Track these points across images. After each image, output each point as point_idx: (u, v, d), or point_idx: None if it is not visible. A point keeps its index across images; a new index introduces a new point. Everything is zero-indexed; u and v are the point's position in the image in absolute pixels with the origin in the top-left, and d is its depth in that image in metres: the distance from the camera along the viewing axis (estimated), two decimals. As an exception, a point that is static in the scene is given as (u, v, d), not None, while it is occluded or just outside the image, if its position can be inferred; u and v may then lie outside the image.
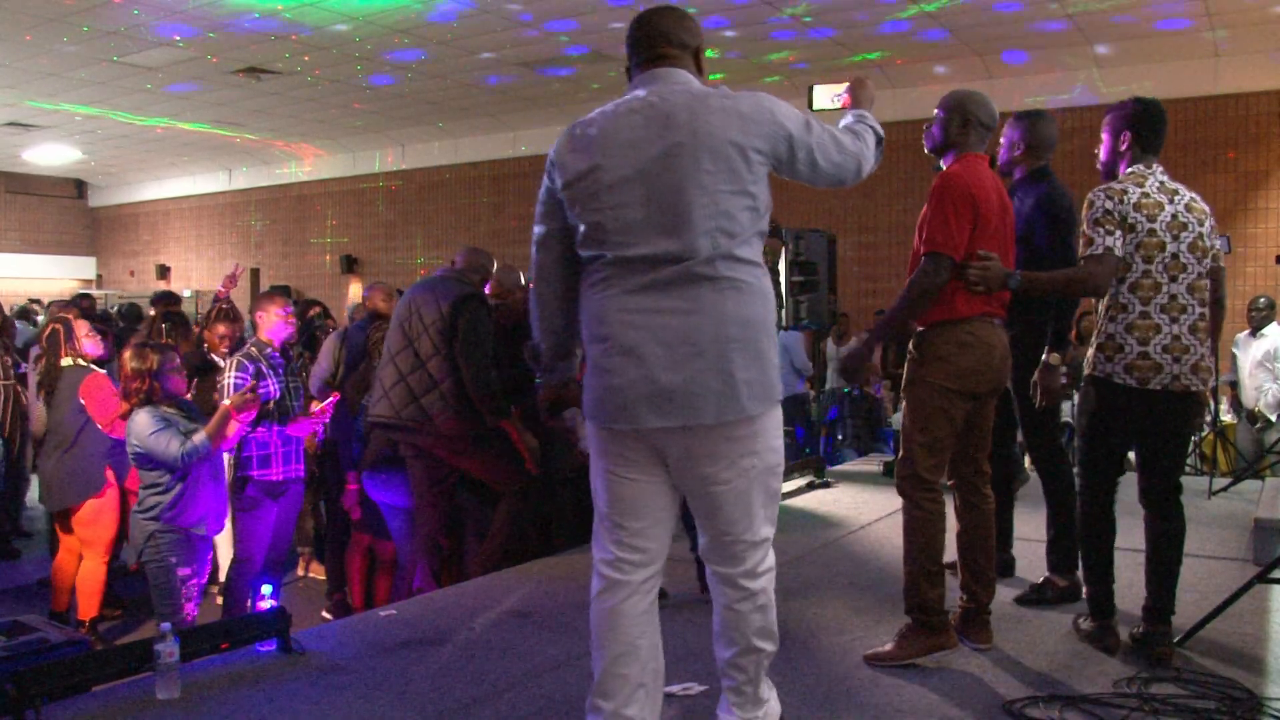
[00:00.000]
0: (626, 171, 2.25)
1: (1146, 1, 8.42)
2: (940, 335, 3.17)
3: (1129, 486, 3.41)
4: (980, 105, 3.27)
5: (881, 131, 2.61)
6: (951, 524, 3.30)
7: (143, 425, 4.11)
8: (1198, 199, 3.29)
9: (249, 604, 4.44)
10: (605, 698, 2.34)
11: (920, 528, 3.16)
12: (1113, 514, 3.38)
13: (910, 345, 3.29)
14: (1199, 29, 8.99)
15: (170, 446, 4.04)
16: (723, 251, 2.23)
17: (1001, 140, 3.96)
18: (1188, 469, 7.28)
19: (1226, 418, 7.96)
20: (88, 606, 5.10)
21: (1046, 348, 3.63)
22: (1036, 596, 3.86)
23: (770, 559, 2.43)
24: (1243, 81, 9.39)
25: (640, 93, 2.34)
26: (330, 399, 4.77)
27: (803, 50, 10.07)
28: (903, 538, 3.22)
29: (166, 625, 2.98)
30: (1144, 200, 3.17)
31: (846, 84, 2.82)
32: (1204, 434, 7.62)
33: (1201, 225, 3.23)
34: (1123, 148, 3.32)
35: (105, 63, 10.80)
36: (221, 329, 5.88)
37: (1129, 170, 3.28)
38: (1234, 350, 7.72)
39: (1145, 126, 3.29)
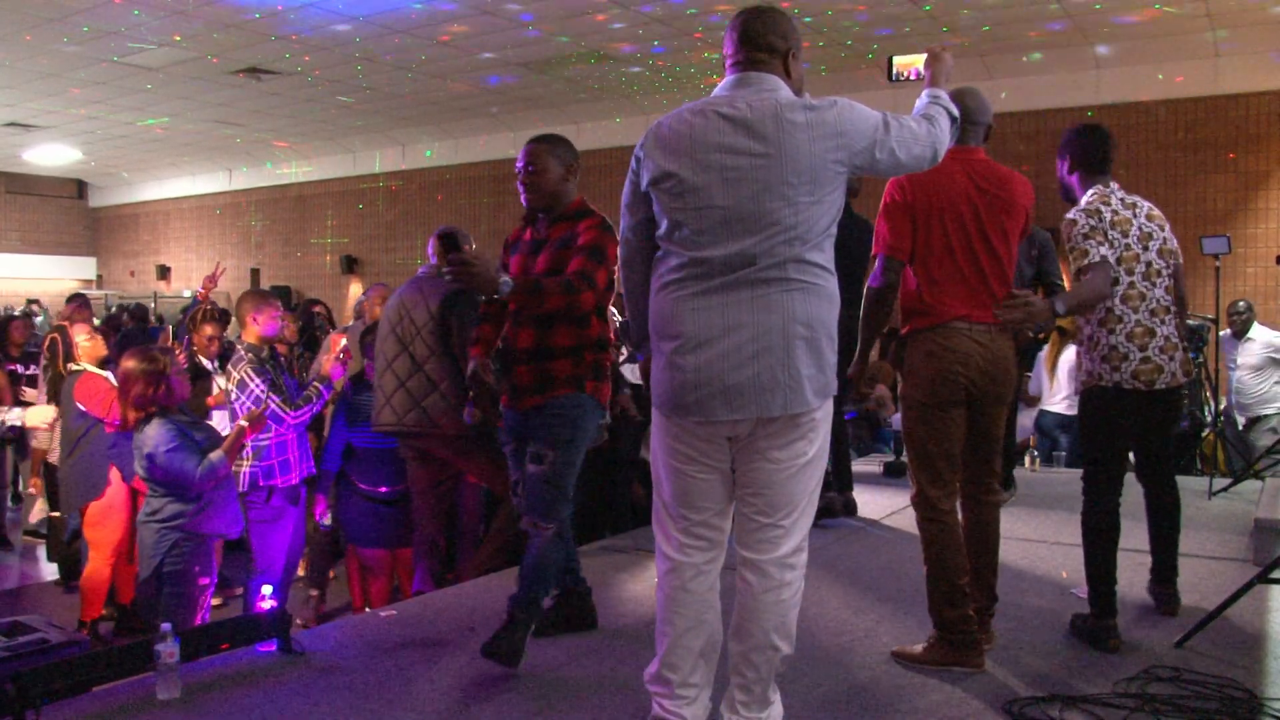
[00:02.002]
0: (712, 175, 2.35)
1: (1147, 2, 8.43)
2: (912, 347, 3.16)
3: (1134, 488, 3.44)
4: (966, 98, 3.17)
5: (956, 111, 2.71)
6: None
7: (159, 440, 3.97)
8: (1154, 207, 3.50)
9: None
10: (673, 670, 2.48)
11: (931, 550, 3.14)
12: (1118, 516, 3.42)
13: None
14: (1199, 29, 9.00)
15: (187, 466, 3.94)
16: (795, 255, 2.34)
17: None
18: (1193, 470, 7.35)
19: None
20: (90, 607, 5.10)
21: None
22: None
23: (803, 556, 2.47)
24: (1243, 81, 9.39)
25: (729, 96, 2.43)
26: (341, 340, 4.74)
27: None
28: (923, 558, 3.19)
29: (167, 625, 2.98)
30: (1116, 218, 3.35)
31: (923, 55, 2.88)
32: (1204, 434, 7.64)
33: (1163, 230, 3.46)
34: (1071, 175, 3.51)
35: (105, 63, 10.80)
36: (209, 330, 5.88)
37: (1090, 192, 3.43)
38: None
39: (1091, 151, 3.48)
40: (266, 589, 3.90)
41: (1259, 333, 7.53)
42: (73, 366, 5.36)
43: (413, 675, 3.12)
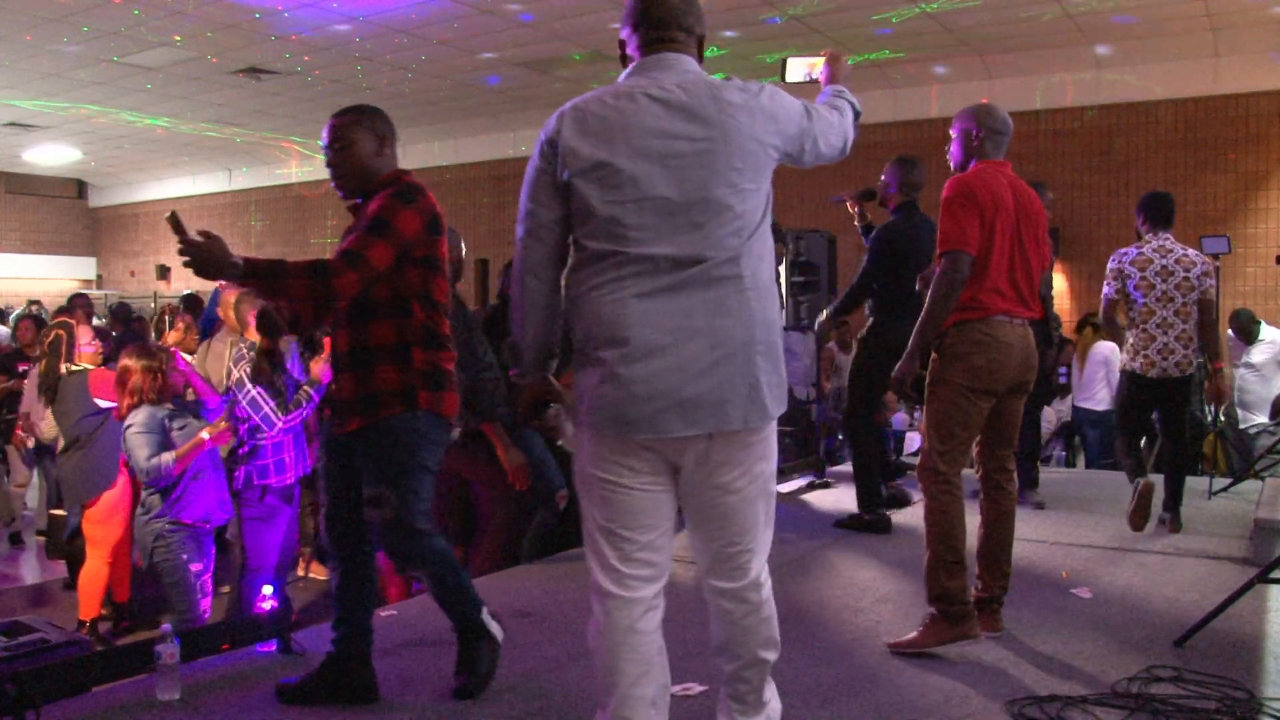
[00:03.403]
0: (651, 164, 2.13)
1: (1147, 2, 8.43)
2: (959, 334, 3.28)
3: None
4: (990, 114, 3.42)
5: (860, 106, 2.58)
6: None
7: (133, 420, 4.19)
8: (1189, 253, 4.93)
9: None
10: None
11: (936, 519, 3.26)
12: (1140, 446, 5.17)
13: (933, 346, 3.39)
14: (1199, 29, 8.99)
15: (139, 452, 4.11)
16: (744, 249, 2.16)
17: (883, 177, 5.09)
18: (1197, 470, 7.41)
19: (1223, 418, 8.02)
20: (88, 606, 5.10)
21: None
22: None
23: (767, 566, 2.34)
24: (1243, 81, 9.39)
25: (652, 79, 2.21)
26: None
27: (802, 50, 10.08)
28: (925, 529, 3.30)
29: (167, 626, 2.99)
30: (1138, 258, 4.95)
31: (822, 57, 2.74)
32: (1205, 434, 7.67)
33: (1188, 271, 4.87)
34: (1139, 224, 5.06)
35: (105, 63, 10.79)
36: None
37: (1144, 239, 4.98)
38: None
39: (1149, 211, 5.01)
40: (267, 589, 3.91)
41: (1269, 333, 7.60)
42: (73, 366, 5.37)
43: (413, 675, 3.12)
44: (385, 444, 2.77)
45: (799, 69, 2.82)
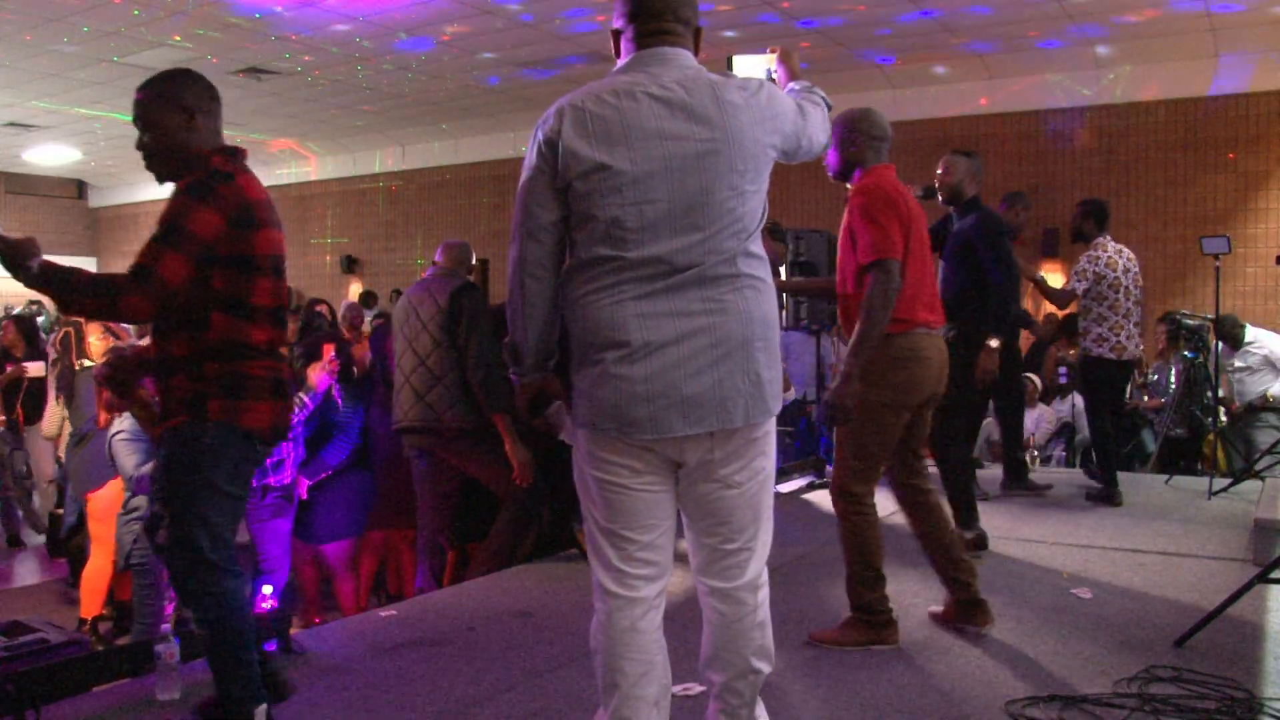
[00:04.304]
0: (654, 165, 2.08)
1: (1146, 1, 8.43)
2: (880, 349, 3.16)
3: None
4: (868, 120, 3.33)
5: (830, 101, 2.54)
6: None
7: (118, 426, 4.19)
8: (1130, 252, 5.79)
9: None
10: None
11: (853, 540, 3.29)
12: (1109, 424, 5.77)
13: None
14: (1199, 29, 9.00)
15: (128, 460, 4.11)
16: (742, 250, 2.15)
17: (942, 170, 4.93)
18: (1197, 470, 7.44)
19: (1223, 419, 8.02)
20: (90, 604, 5.11)
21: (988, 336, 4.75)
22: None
23: (766, 570, 2.31)
24: (1243, 81, 9.39)
25: (652, 74, 2.16)
26: (331, 349, 4.71)
27: (802, 50, 10.08)
28: (842, 548, 3.33)
29: (167, 626, 2.99)
30: (1109, 261, 5.67)
31: (772, 54, 2.67)
32: (1205, 434, 7.68)
33: (1135, 266, 5.77)
34: (1088, 227, 5.76)
35: (105, 63, 10.80)
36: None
37: (1099, 240, 5.72)
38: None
39: (1099, 216, 5.77)
40: (267, 589, 3.90)
41: (1256, 334, 7.58)
42: (86, 363, 5.41)
43: (413, 675, 3.12)
44: (167, 456, 2.53)
45: (751, 67, 2.73)
